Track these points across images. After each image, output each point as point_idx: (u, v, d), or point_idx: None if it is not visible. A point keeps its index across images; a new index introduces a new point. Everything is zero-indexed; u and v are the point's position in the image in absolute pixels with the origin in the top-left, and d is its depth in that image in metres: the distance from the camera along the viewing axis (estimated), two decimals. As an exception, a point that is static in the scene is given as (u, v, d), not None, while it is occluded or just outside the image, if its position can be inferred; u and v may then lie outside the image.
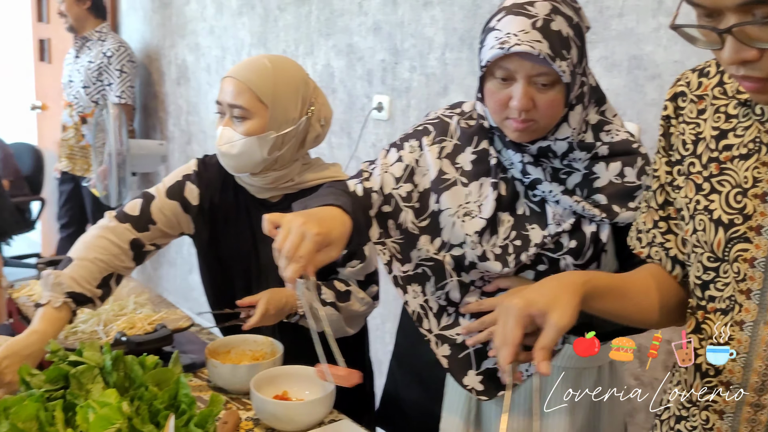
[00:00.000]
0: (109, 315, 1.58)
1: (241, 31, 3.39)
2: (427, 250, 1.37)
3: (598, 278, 1.09)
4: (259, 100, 1.56)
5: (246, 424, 1.46)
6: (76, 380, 1.14)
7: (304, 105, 1.61)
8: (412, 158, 1.39)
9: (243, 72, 1.58)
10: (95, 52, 3.75)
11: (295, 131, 1.59)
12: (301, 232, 1.12)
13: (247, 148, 1.56)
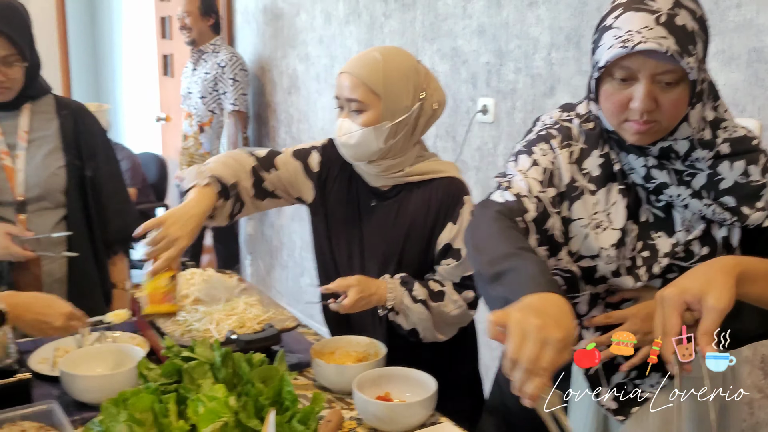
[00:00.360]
0: (221, 315, 1.65)
1: (348, 39, 3.46)
2: (567, 261, 1.31)
3: (750, 262, 1.05)
4: (372, 93, 1.62)
5: (349, 423, 1.48)
6: (188, 375, 1.20)
7: (416, 92, 1.65)
8: (547, 161, 1.31)
9: (356, 67, 1.65)
10: (210, 64, 3.95)
11: (408, 119, 1.64)
12: (542, 338, 0.95)
13: (364, 139, 1.64)
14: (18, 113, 2.06)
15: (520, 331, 0.95)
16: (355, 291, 1.60)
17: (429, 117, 1.70)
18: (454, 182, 1.73)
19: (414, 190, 1.72)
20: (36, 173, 2.05)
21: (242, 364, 1.23)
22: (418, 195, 1.71)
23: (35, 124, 2.09)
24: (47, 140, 2.09)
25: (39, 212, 2.06)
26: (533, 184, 1.29)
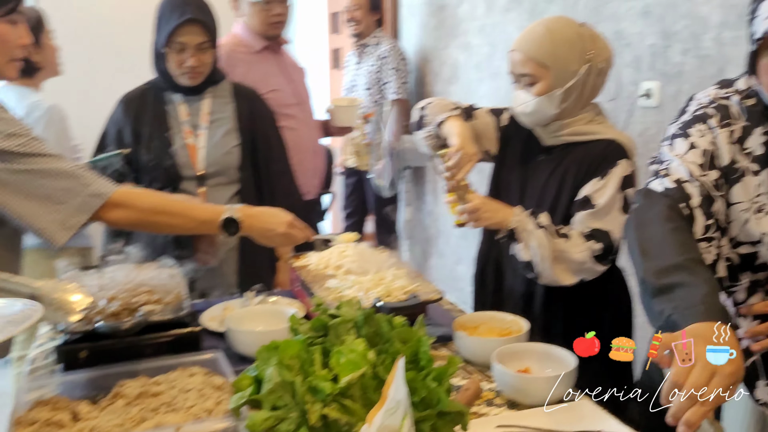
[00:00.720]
0: (369, 283, 1.74)
1: (509, 26, 3.45)
2: (727, 248, 1.27)
3: None
4: (541, 65, 1.76)
5: (487, 394, 1.52)
6: (333, 330, 1.29)
7: (582, 55, 1.76)
8: (706, 142, 1.27)
9: (523, 43, 1.79)
10: (374, 57, 4.10)
11: (578, 82, 1.76)
12: (712, 368, 0.94)
13: (538, 107, 1.79)
14: (201, 97, 2.29)
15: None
16: (482, 199, 1.80)
17: (597, 75, 1.80)
18: (612, 144, 1.78)
19: (575, 149, 1.82)
20: (214, 151, 2.26)
21: (383, 325, 1.30)
22: (576, 153, 1.81)
23: (215, 107, 2.31)
24: (225, 122, 2.31)
25: (216, 186, 2.28)
26: (693, 169, 1.24)
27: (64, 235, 1.58)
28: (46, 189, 1.56)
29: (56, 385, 1.45)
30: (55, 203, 1.57)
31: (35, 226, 1.56)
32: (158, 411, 1.34)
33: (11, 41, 1.61)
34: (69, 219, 1.58)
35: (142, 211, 1.70)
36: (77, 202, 1.59)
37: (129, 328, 1.52)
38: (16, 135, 1.54)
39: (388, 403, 0.89)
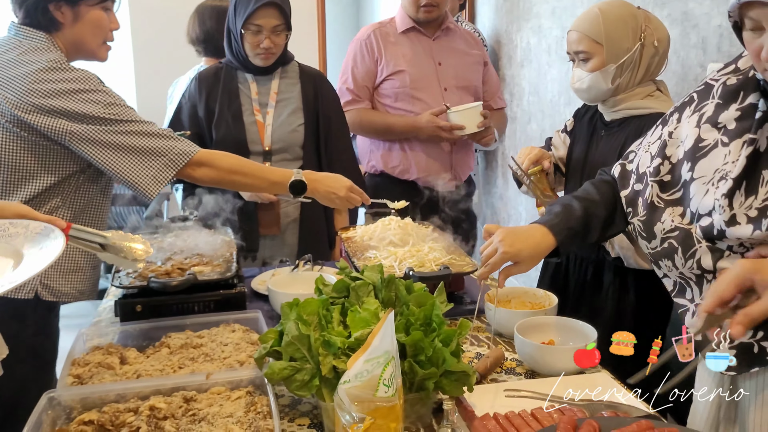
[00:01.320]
0: (405, 254, 1.81)
1: (579, 8, 3.41)
2: (671, 221, 1.34)
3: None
4: (595, 42, 1.86)
5: (510, 363, 1.56)
6: (354, 292, 1.37)
7: (635, 34, 1.85)
8: (667, 132, 1.41)
9: (578, 23, 1.91)
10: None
11: (631, 58, 1.85)
12: (495, 246, 1.45)
13: (593, 82, 1.89)
14: (271, 77, 2.42)
15: (492, 238, 1.48)
16: None
17: (652, 55, 1.87)
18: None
19: (631, 123, 1.89)
20: (280, 129, 2.39)
21: (401, 289, 1.37)
22: (632, 126, 1.87)
23: (282, 87, 2.43)
24: (291, 101, 2.43)
25: (281, 162, 2.40)
26: (645, 160, 1.44)
27: (156, 187, 1.74)
28: (141, 148, 1.72)
29: (114, 334, 1.61)
30: (148, 159, 1.73)
31: (130, 180, 1.72)
32: (196, 360, 1.47)
33: (105, 26, 1.78)
34: (159, 174, 1.74)
35: (221, 169, 1.85)
36: (166, 159, 1.75)
37: (177, 285, 1.65)
38: (114, 104, 1.71)
39: (371, 351, 0.96)
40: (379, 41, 2.88)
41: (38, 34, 1.71)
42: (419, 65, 2.87)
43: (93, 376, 1.40)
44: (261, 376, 1.32)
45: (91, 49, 1.79)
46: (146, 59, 4.66)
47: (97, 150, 1.68)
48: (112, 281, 1.73)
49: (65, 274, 1.78)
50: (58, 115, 1.64)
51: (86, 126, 1.66)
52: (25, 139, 1.66)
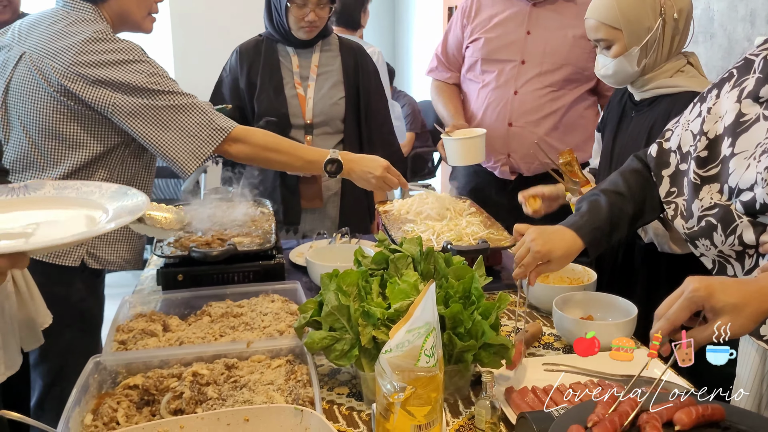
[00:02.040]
0: (442, 228, 1.81)
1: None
2: (710, 198, 1.32)
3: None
4: (613, 28, 1.77)
5: (547, 338, 1.56)
6: (393, 264, 1.38)
7: (655, 11, 1.75)
8: (707, 108, 1.38)
9: (594, 11, 1.81)
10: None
11: (654, 36, 1.76)
12: (528, 246, 1.45)
13: (619, 68, 1.80)
14: (312, 50, 2.42)
15: (523, 237, 1.47)
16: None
17: (675, 27, 1.77)
18: (695, 95, 1.71)
19: (662, 102, 1.81)
20: (322, 102, 2.39)
21: (440, 261, 1.38)
22: (662, 105, 1.79)
23: (323, 60, 2.43)
24: (332, 74, 2.42)
25: (322, 135, 2.41)
26: (687, 139, 1.41)
27: (194, 163, 1.76)
28: (180, 123, 1.74)
29: (156, 302, 1.64)
30: (187, 135, 1.74)
31: (169, 155, 1.74)
32: (237, 329, 1.49)
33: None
34: (197, 149, 1.75)
35: (256, 146, 1.85)
36: (205, 134, 1.76)
37: (217, 255, 1.68)
38: (156, 74, 1.73)
39: (412, 322, 0.97)
40: (476, 3, 2.56)
41: (85, 5, 1.73)
42: (503, 32, 2.47)
43: (137, 342, 1.43)
44: (301, 345, 1.34)
45: (136, 21, 1.81)
46: (184, 32, 4.69)
47: (138, 123, 1.70)
48: (154, 250, 1.76)
49: (111, 244, 1.81)
50: (102, 85, 1.67)
51: (128, 97, 1.68)
52: (71, 108, 1.69)
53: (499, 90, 2.44)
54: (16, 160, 1.74)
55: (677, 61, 1.81)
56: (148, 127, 1.71)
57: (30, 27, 1.74)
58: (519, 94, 2.41)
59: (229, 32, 3.29)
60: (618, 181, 1.53)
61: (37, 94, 1.69)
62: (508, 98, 2.42)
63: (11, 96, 1.73)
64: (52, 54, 1.67)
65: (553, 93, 2.40)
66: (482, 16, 2.52)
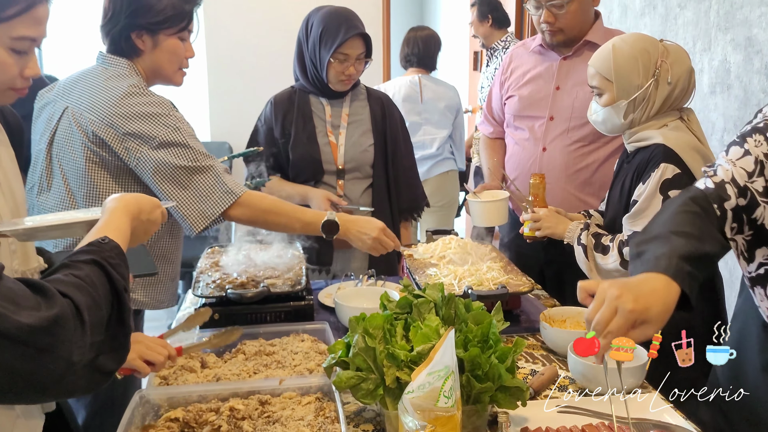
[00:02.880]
0: (464, 273, 1.90)
1: (642, 30, 3.44)
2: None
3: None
4: (605, 78, 1.90)
5: (563, 381, 1.64)
6: (416, 309, 1.47)
7: (647, 71, 1.85)
8: (759, 152, 1.35)
9: (594, 59, 1.94)
10: (500, 59, 4.21)
11: (643, 94, 1.86)
12: (614, 306, 1.12)
13: (607, 116, 1.93)
14: (342, 100, 2.55)
15: (600, 296, 1.13)
16: (546, 212, 2.08)
17: (669, 90, 1.85)
18: (658, 148, 1.84)
19: (637, 155, 1.92)
20: (352, 149, 2.52)
21: (461, 307, 1.47)
22: (636, 159, 1.91)
23: (353, 109, 2.56)
24: (361, 123, 2.56)
25: (352, 180, 2.54)
26: (740, 173, 1.34)
27: (202, 223, 1.84)
28: (197, 183, 1.83)
29: (193, 339, 1.75)
30: (201, 196, 1.83)
31: (181, 213, 1.83)
32: (269, 367, 1.59)
33: (180, 54, 1.93)
34: (208, 210, 1.84)
35: (258, 210, 1.90)
36: (216, 197, 1.84)
37: (252, 297, 1.79)
38: (180, 129, 1.84)
39: (433, 365, 1.06)
40: (514, 59, 2.61)
41: (121, 61, 1.87)
42: (534, 88, 2.48)
43: (177, 378, 1.54)
44: (329, 383, 1.43)
45: (167, 75, 1.94)
46: (220, 81, 4.89)
47: (158, 179, 1.80)
48: (193, 291, 1.88)
49: (146, 287, 1.92)
50: (131, 137, 1.78)
51: (153, 152, 1.79)
52: (103, 158, 1.81)
53: (529, 147, 2.47)
54: (54, 207, 1.87)
55: (667, 117, 1.89)
56: (166, 184, 1.81)
57: (73, 83, 1.89)
58: (548, 151, 2.42)
59: (260, 79, 3.45)
60: (679, 220, 1.31)
61: (75, 144, 1.82)
62: (537, 155, 2.44)
63: (55, 147, 1.86)
64: (89, 107, 1.80)
65: (582, 148, 2.37)
66: (517, 73, 2.56)
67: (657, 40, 1.91)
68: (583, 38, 2.39)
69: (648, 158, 1.85)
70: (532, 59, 2.53)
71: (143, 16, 1.83)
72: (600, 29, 2.42)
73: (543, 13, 2.34)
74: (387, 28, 5.03)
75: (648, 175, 1.83)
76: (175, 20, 1.86)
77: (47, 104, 1.92)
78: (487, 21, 4.28)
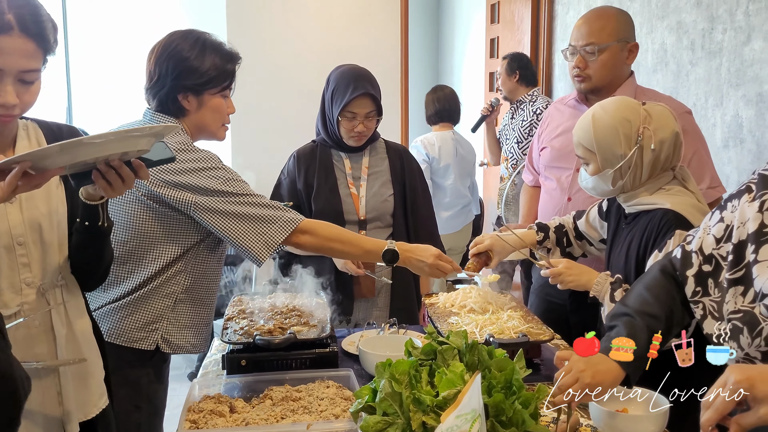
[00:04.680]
0: (485, 322, 1.95)
1: (655, 87, 3.53)
2: (734, 303, 1.43)
3: None
4: (588, 150, 1.94)
5: (584, 429, 1.66)
6: (441, 355, 1.51)
7: (629, 140, 1.88)
8: (732, 217, 1.49)
9: (576, 129, 1.98)
10: (527, 112, 4.31)
11: (629, 162, 1.88)
12: (577, 377, 1.48)
13: (595, 184, 1.97)
14: (362, 154, 2.64)
15: (569, 366, 1.50)
16: (565, 264, 2.01)
17: (655, 156, 1.87)
18: (668, 214, 1.85)
19: (640, 218, 1.93)
20: (373, 199, 2.60)
21: (484, 353, 1.51)
22: (641, 222, 1.92)
23: (372, 162, 2.65)
24: (381, 174, 2.64)
25: (374, 230, 2.61)
26: (708, 242, 1.52)
27: (266, 252, 1.92)
28: (254, 216, 1.92)
29: (221, 385, 1.79)
30: (260, 227, 1.92)
31: (244, 245, 1.90)
32: (296, 412, 1.63)
33: (223, 111, 2.03)
34: (270, 239, 1.92)
35: (322, 237, 2.01)
36: (276, 226, 1.93)
37: (279, 343, 1.84)
38: (232, 180, 1.93)
39: (461, 408, 1.10)
40: (551, 113, 2.72)
41: (168, 119, 1.97)
42: (565, 141, 2.54)
43: (207, 422, 1.58)
44: (356, 428, 1.47)
45: (212, 131, 2.04)
46: (243, 136, 5.02)
47: (216, 218, 1.89)
48: (222, 338, 1.93)
49: (181, 329, 1.98)
50: (184, 189, 1.87)
51: (208, 198, 1.88)
52: (155, 210, 1.91)
53: (556, 196, 2.56)
54: None
55: (660, 179, 1.91)
56: (226, 221, 1.89)
57: None
58: (572, 201, 2.49)
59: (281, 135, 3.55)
60: (647, 298, 1.59)
61: (126, 198, 1.90)
62: (563, 204, 2.52)
63: None
64: None
65: None
66: (552, 125, 2.66)
67: (638, 105, 1.92)
68: (613, 93, 2.44)
69: (658, 224, 1.85)
70: (566, 113, 2.62)
71: (188, 78, 1.93)
72: (631, 86, 2.48)
73: (576, 58, 2.44)
74: (405, 85, 5.17)
75: (663, 242, 1.82)
76: (219, 80, 1.96)
77: None
78: (515, 76, 4.41)
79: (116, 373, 1.84)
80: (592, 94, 2.50)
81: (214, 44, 1.98)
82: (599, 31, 2.41)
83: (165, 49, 1.95)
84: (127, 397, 1.90)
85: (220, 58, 1.97)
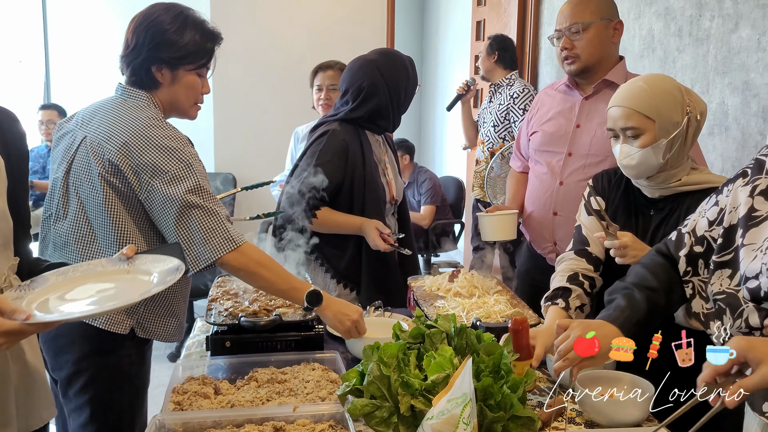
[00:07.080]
0: (472, 305, 1.94)
1: (642, 73, 3.53)
2: (719, 284, 1.45)
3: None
4: (645, 117, 1.84)
5: (570, 413, 1.67)
6: (429, 339, 1.50)
7: (683, 108, 1.84)
8: (726, 200, 1.51)
9: (625, 99, 1.86)
10: (504, 96, 4.30)
11: (681, 132, 1.84)
12: (573, 343, 1.48)
13: (644, 158, 1.85)
14: None
15: (569, 331, 1.54)
16: (631, 237, 1.87)
17: (696, 128, 1.87)
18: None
19: (686, 199, 1.88)
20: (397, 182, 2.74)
21: (472, 337, 1.50)
22: (689, 202, 1.86)
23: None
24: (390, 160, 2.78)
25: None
26: (702, 224, 1.56)
27: (197, 266, 1.81)
28: (198, 225, 1.80)
29: (205, 366, 1.77)
30: (202, 239, 1.80)
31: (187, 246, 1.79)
32: (282, 394, 1.62)
33: (197, 89, 1.98)
34: (204, 254, 1.80)
35: (252, 260, 1.86)
36: (215, 242, 1.81)
37: (265, 325, 1.82)
38: (192, 167, 1.82)
39: (453, 392, 1.09)
40: (541, 98, 2.70)
41: (140, 93, 1.92)
42: (556, 125, 2.55)
43: (192, 404, 1.56)
44: (342, 411, 1.46)
45: (183, 109, 1.99)
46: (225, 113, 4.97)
47: (165, 216, 1.81)
48: (206, 318, 1.90)
49: (157, 318, 1.93)
50: (145, 168, 1.80)
51: (164, 186, 1.79)
52: (118, 188, 1.83)
53: (546, 180, 2.54)
54: (71, 235, 1.88)
55: (688, 161, 1.91)
56: (171, 221, 1.80)
57: (92, 114, 1.92)
58: (564, 185, 2.48)
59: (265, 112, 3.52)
60: (647, 275, 1.63)
61: (92, 173, 1.84)
62: (554, 189, 2.50)
63: (72, 176, 1.88)
64: (108, 137, 1.83)
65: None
66: (542, 110, 2.64)
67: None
68: (603, 77, 2.46)
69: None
70: (557, 98, 2.61)
71: (165, 51, 1.88)
72: (621, 70, 2.50)
73: (563, 40, 2.46)
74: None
75: None
76: (196, 57, 1.92)
77: (66, 134, 1.96)
78: (494, 57, 4.38)
79: (97, 355, 1.81)
80: (582, 76, 2.50)
81: (196, 21, 1.94)
82: (582, 11, 2.44)
83: (145, 18, 1.90)
84: (108, 378, 1.87)
85: (201, 35, 1.92)
